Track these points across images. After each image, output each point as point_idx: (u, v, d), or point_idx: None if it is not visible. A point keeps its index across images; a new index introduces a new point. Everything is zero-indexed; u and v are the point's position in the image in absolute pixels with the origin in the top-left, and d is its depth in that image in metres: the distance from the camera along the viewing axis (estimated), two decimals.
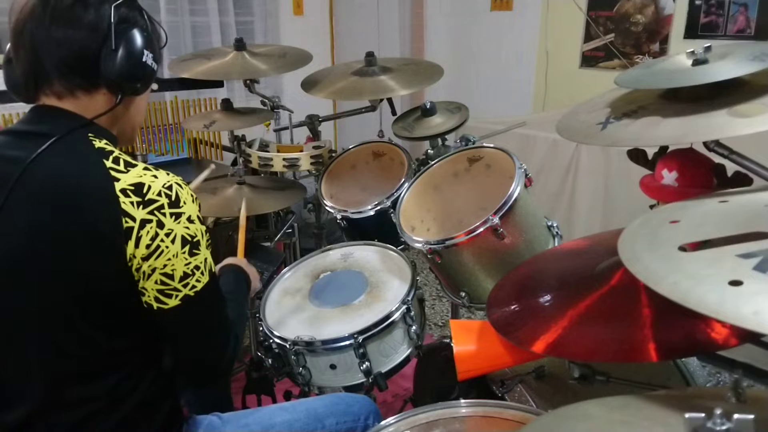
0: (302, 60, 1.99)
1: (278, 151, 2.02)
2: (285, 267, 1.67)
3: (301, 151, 2.00)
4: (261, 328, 1.44)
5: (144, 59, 0.96)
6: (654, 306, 0.83)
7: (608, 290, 0.91)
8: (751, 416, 0.50)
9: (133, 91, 0.99)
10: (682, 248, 0.65)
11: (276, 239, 2.14)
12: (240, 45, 1.99)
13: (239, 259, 1.33)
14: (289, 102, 2.24)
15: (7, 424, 0.94)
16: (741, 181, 1.00)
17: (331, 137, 4.02)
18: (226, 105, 1.99)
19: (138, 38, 0.95)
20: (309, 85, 1.93)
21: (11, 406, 0.94)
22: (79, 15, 0.91)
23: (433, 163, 1.61)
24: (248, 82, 2.00)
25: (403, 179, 1.68)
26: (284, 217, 2.22)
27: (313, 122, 2.12)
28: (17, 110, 2.55)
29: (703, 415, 0.50)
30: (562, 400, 1.09)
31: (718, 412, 0.50)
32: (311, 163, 1.96)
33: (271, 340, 1.40)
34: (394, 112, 2.02)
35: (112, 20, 0.92)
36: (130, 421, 0.98)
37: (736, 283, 0.55)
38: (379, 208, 1.66)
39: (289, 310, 1.50)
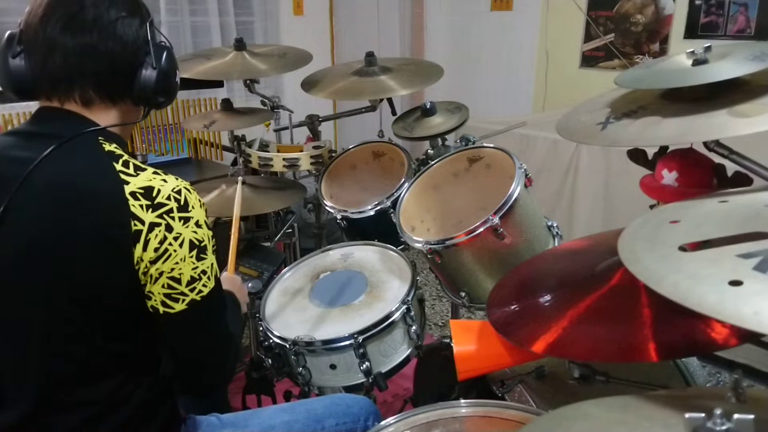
0: (302, 60, 1.98)
1: (278, 151, 2.02)
2: (285, 267, 1.67)
3: (301, 151, 2.00)
4: (261, 328, 1.44)
5: (177, 78, 1.02)
6: (654, 306, 0.83)
7: (608, 290, 0.91)
8: (751, 416, 0.50)
9: (158, 106, 1.03)
10: (682, 248, 0.65)
11: (276, 239, 2.14)
12: (240, 45, 1.99)
13: (230, 278, 1.30)
14: (289, 102, 2.24)
15: (3, 425, 0.94)
16: (741, 181, 1.00)
17: (331, 137, 4.02)
18: (226, 105, 1.99)
19: (173, 56, 1.01)
20: (309, 85, 1.93)
21: (7, 406, 0.94)
22: (116, 29, 0.93)
23: (433, 163, 1.61)
24: (248, 82, 2.00)
25: (403, 179, 1.68)
26: (284, 217, 2.22)
27: (313, 122, 2.12)
28: (17, 110, 2.56)
29: (703, 415, 0.50)
30: (562, 400, 1.09)
31: (718, 412, 0.50)
32: (311, 163, 1.96)
33: (271, 340, 1.40)
34: (394, 112, 2.02)
35: (149, 38, 0.97)
36: (129, 424, 0.98)
37: (736, 283, 0.55)
38: (379, 208, 1.66)
39: (289, 310, 1.50)
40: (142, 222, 0.89)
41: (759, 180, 0.94)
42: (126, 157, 0.94)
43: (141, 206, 0.89)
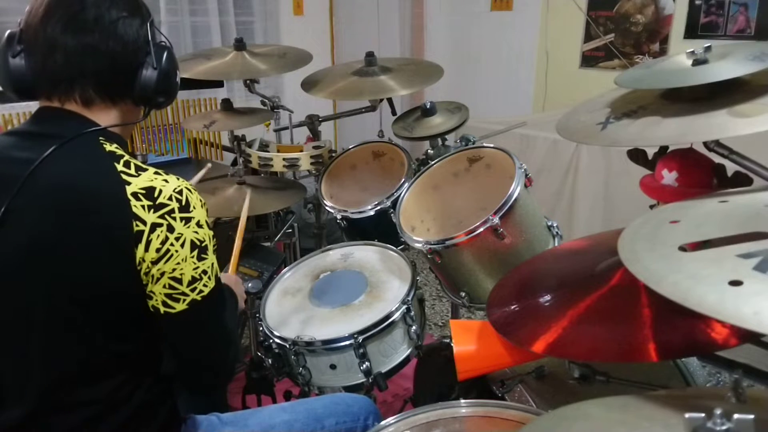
0: (302, 60, 1.99)
1: (278, 151, 2.02)
2: (285, 267, 1.67)
3: (301, 151, 2.00)
4: (261, 328, 1.44)
5: (177, 78, 1.02)
6: (654, 306, 0.83)
7: (608, 290, 0.91)
8: (751, 416, 0.50)
9: (158, 105, 1.03)
10: (682, 248, 0.65)
11: (276, 239, 2.14)
12: (240, 45, 1.99)
13: (229, 277, 1.30)
14: (289, 102, 2.24)
15: (3, 425, 0.94)
16: (741, 181, 1.00)
17: (331, 137, 4.02)
18: (226, 105, 1.99)
19: (174, 57, 1.01)
20: (309, 85, 1.93)
21: (8, 406, 0.94)
22: (117, 29, 0.93)
23: (433, 163, 1.61)
24: (248, 82, 2.00)
25: (403, 179, 1.68)
26: (284, 217, 2.22)
27: (313, 122, 2.12)
28: (17, 110, 2.56)
29: (703, 415, 0.50)
30: (562, 400, 1.09)
31: (718, 412, 0.50)
32: (311, 163, 1.96)
33: (271, 340, 1.39)
34: (394, 112, 2.02)
35: (150, 38, 0.97)
36: (129, 424, 0.98)
37: (736, 283, 0.55)
38: (379, 208, 1.66)
39: (289, 310, 1.50)
40: (144, 222, 0.89)
41: (759, 180, 0.94)
42: (127, 157, 0.94)
43: (143, 207, 0.89)
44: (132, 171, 0.91)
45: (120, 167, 0.91)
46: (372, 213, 1.67)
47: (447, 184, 1.61)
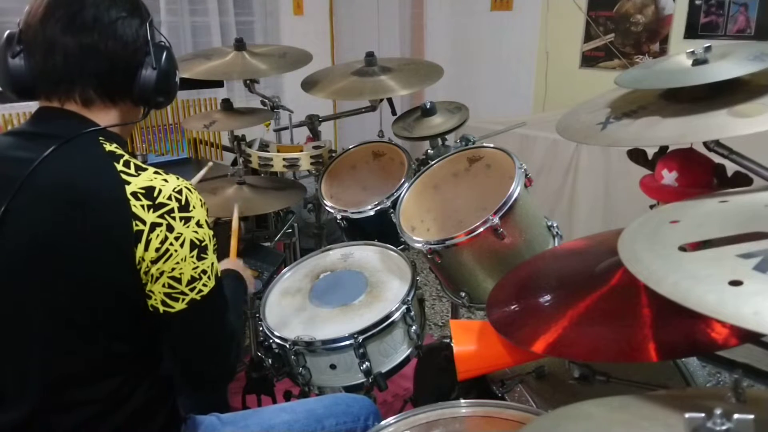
0: (302, 60, 1.98)
1: (278, 151, 2.02)
2: (285, 267, 1.67)
3: (301, 151, 2.00)
4: (261, 328, 1.44)
5: (177, 78, 1.02)
6: (654, 306, 0.83)
7: (608, 290, 0.91)
8: (751, 416, 0.50)
9: (157, 105, 1.03)
10: (682, 248, 0.65)
11: (276, 239, 2.14)
12: (240, 45, 1.99)
13: (235, 262, 1.32)
14: (289, 102, 2.24)
15: (4, 424, 0.94)
16: (741, 181, 1.00)
17: (331, 137, 4.02)
18: (226, 105, 1.99)
19: (173, 56, 1.01)
20: (309, 85, 1.93)
21: (7, 407, 0.94)
22: (116, 29, 0.94)
23: (433, 163, 1.61)
24: (248, 82, 2.00)
25: (403, 179, 1.68)
26: (284, 217, 2.22)
27: (313, 122, 2.12)
28: (17, 110, 2.56)
29: (703, 415, 0.50)
30: (562, 400, 1.09)
31: (718, 412, 0.50)
32: (311, 163, 1.96)
33: (271, 340, 1.40)
34: (394, 112, 2.02)
35: (149, 38, 0.97)
36: (129, 424, 0.98)
37: (736, 283, 0.55)
38: (379, 208, 1.66)
39: (289, 310, 1.50)
40: (144, 222, 0.89)
41: (759, 180, 0.94)
42: (127, 157, 0.94)
43: (142, 206, 0.89)
44: (131, 170, 0.91)
45: (120, 167, 0.91)
46: (372, 213, 1.67)
47: (447, 184, 1.61)
